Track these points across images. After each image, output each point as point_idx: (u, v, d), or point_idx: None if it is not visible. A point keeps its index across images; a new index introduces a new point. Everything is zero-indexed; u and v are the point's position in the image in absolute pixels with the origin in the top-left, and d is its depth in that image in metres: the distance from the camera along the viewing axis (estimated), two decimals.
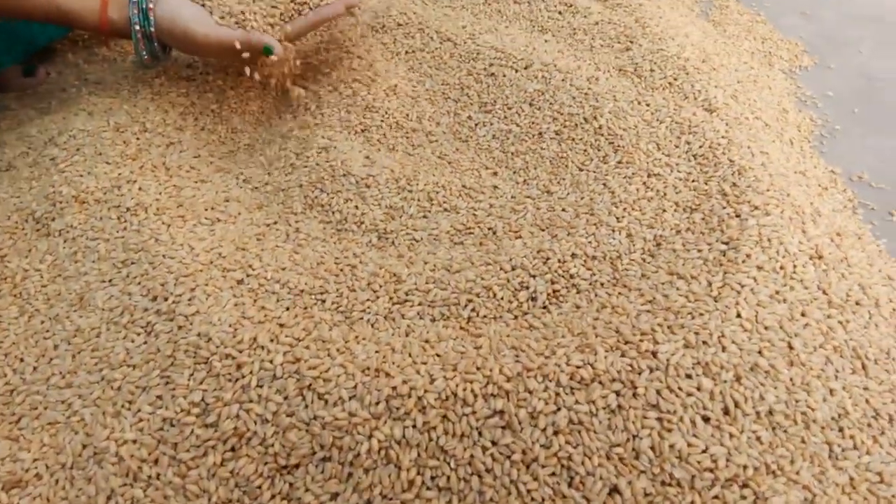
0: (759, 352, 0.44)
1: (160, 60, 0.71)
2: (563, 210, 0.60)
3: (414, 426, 0.40)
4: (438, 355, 0.45)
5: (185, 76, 0.77)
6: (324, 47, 0.80)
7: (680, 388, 0.41)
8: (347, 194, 0.64)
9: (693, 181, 0.60)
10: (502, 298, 0.51)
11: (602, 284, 0.52)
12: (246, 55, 0.67)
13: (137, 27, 0.66)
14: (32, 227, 0.60)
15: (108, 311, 0.51)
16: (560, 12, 0.86)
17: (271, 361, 0.44)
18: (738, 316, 0.46)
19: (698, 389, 0.41)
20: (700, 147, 0.63)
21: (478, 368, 0.43)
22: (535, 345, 0.45)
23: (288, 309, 0.51)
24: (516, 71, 0.76)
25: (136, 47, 0.68)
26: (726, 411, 0.41)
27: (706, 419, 0.41)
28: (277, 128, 0.74)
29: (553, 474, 0.39)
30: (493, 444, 0.40)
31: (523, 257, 0.54)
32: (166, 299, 0.50)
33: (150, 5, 0.66)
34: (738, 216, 0.54)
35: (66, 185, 0.61)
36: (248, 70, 0.70)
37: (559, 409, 0.41)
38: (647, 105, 0.69)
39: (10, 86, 0.82)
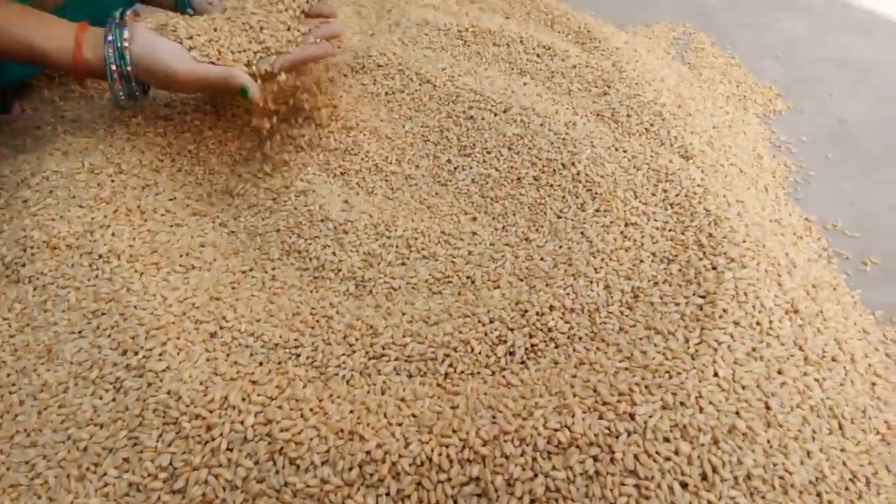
0: (737, 413, 0.44)
1: (137, 101, 0.70)
2: (542, 259, 0.60)
3: (388, 494, 0.40)
4: (414, 415, 0.44)
5: (163, 115, 0.76)
6: (302, 87, 0.79)
7: (658, 453, 0.41)
8: (325, 240, 0.63)
9: (670, 230, 0.60)
10: (480, 353, 0.51)
11: (580, 338, 0.52)
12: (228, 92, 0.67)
13: (114, 67, 0.65)
14: (2, 273, 0.59)
15: (76, 364, 0.50)
16: (538, 55, 0.87)
17: (242, 423, 0.43)
18: (716, 375, 0.46)
19: (676, 454, 0.41)
20: (676, 195, 0.63)
21: (454, 431, 0.42)
22: (512, 405, 0.44)
23: (261, 364, 0.50)
24: (495, 114, 0.76)
25: (112, 87, 0.66)
26: (704, 476, 0.41)
27: (684, 485, 0.40)
28: (255, 170, 0.73)
29: None
30: None
31: (501, 309, 0.54)
32: (136, 353, 0.49)
33: (126, 44, 0.64)
34: (714, 268, 0.55)
35: (38, 229, 0.60)
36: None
37: (536, 475, 0.40)
38: (625, 151, 0.69)
39: None
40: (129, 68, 0.65)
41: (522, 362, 0.50)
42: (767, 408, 0.45)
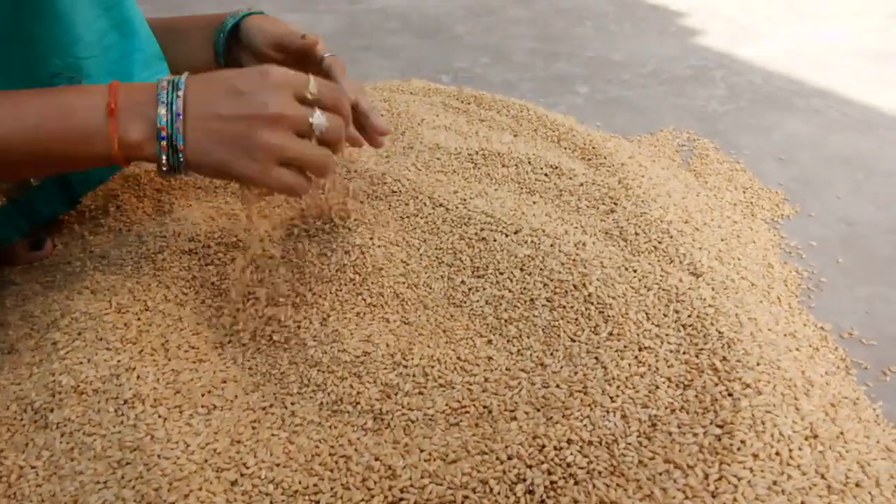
0: None
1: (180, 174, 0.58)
2: (557, 386, 0.60)
3: None
4: None
5: (188, 249, 0.79)
6: (315, 215, 0.83)
7: None
8: (342, 372, 0.65)
9: (684, 353, 0.61)
10: (499, 493, 0.51)
11: (599, 473, 0.52)
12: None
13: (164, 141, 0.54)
14: (31, 419, 0.60)
15: None
16: (546, 174, 0.90)
17: None
18: None
19: None
20: (688, 317, 0.64)
21: None
22: None
23: None
24: (506, 236, 0.79)
25: (158, 156, 0.55)
26: None
27: None
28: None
29: None
30: None
31: (519, 444, 0.54)
32: None
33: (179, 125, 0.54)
34: (730, 395, 0.55)
35: (67, 373, 0.62)
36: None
37: None
38: (634, 271, 0.71)
39: (17, 259, 0.85)
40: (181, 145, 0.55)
41: (542, 501, 0.50)
42: None
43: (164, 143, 0.54)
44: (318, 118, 0.57)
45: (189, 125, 0.54)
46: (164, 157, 0.54)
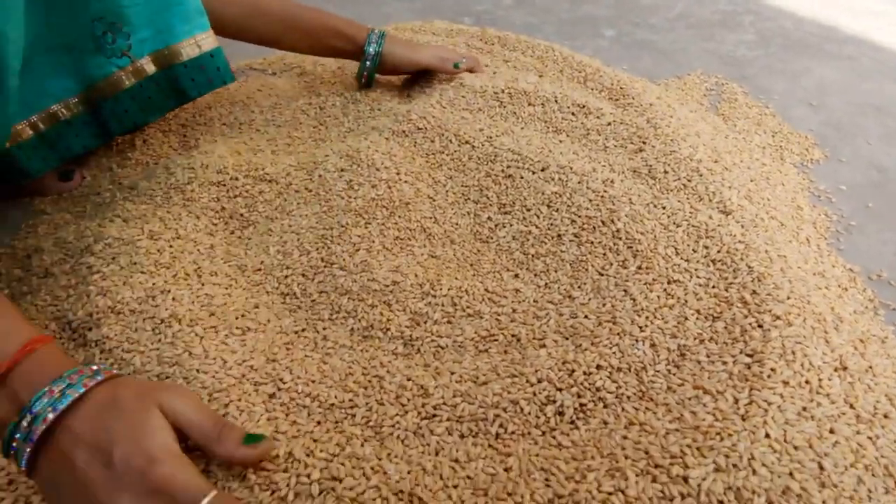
0: (790, 474, 0.44)
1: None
2: (586, 317, 0.61)
3: None
4: (469, 477, 0.45)
5: (216, 181, 0.80)
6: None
7: None
8: (373, 300, 0.65)
9: (713, 287, 0.61)
10: (530, 413, 0.52)
11: (629, 398, 0.52)
12: None
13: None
14: (69, 337, 0.62)
15: None
16: (573, 113, 0.89)
17: (308, 476, 0.45)
18: (767, 436, 0.46)
19: None
20: (718, 252, 0.64)
21: (509, 494, 0.43)
22: (564, 467, 0.45)
23: (319, 423, 0.52)
24: (533, 173, 0.78)
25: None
26: None
27: None
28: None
29: None
30: None
31: (548, 369, 0.55)
32: None
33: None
34: (760, 326, 0.55)
35: (102, 295, 0.63)
36: None
37: None
38: (663, 208, 0.70)
39: (47, 190, 0.86)
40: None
41: (572, 422, 0.51)
42: (821, 468, 0.45)
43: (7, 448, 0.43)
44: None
45: (43, 455, 0.43)
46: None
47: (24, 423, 0.42)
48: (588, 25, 1.38)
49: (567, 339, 0.59)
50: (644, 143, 0.83)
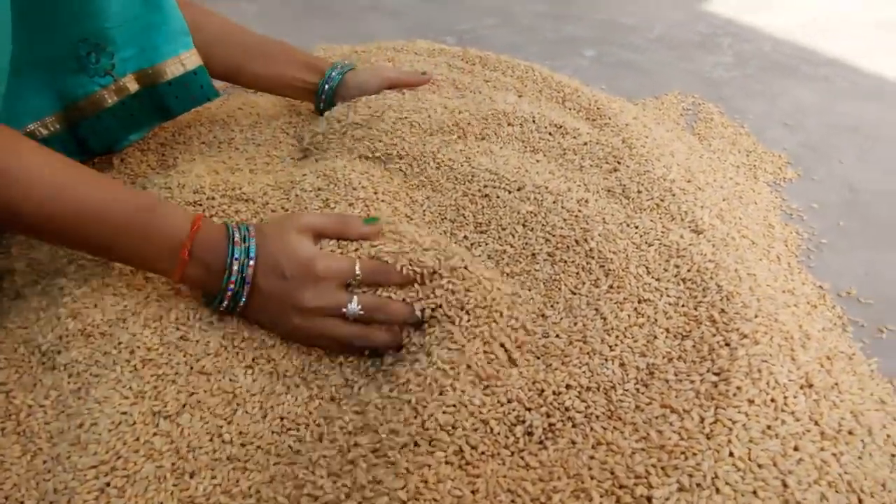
0: (754, 492, 0.45)
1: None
2: (557, 336, 0.61)
3: None
4: (435, 500, 0.45)
5: (192, 201, 0.80)
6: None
7: None
8: None
9: (683, 306, 0.61)
10: (499, 434, 0.52)
11: (597, 417, 0.53)
12: None
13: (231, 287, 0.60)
14: (38, 361, 0.61)
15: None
16: (551, 133, 0.90)
17: None
18: (731, 455, 0.46)
19: None
20: (688, 271, 0.65)
21: None
22: (531, 488, 0.45)
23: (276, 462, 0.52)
24: (510, 192, 0.79)
25: (221, 294, 0.61)
26: None
27: None
28: None
29: None
30: None
31: (518, 389, 0.55)
32: None
33: (251, 271, 0.60)
34: (727, 345, 0.56)
35: (73, 317, 0.63)
36: None
37: None
38: (636, 227, 0.71)
39: None
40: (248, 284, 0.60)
41: (541, 442, 0.51)
42: (785, 486, 0.46)
43: (228, 293, 0.60)
44: (353, 308, 0.60)
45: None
46: (224, 301, 0.61)
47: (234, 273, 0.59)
48: (570, 45, 1.40)
49: (538, 358, 0.59)
50: (619, 162, 0.83)
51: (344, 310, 0.60)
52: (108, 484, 0.51)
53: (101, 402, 0.56)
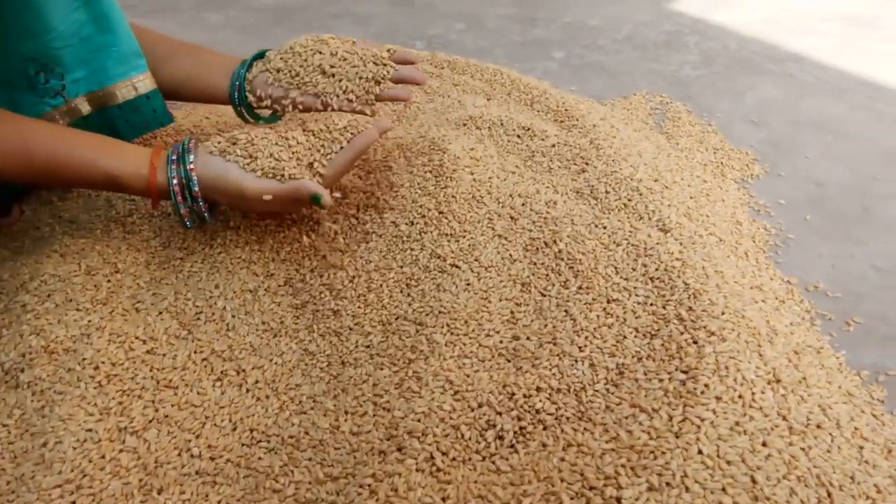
0: (723, 489, 0.45)
1: (206, 221, 0.72)
2: (528, 339, 0.61)
3: None
4: None
5: (158, 214, 0.79)
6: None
7: None
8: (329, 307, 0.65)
9: (651, 305, 0.62)
10: (470, 439, 0.51)
11: (568, 419, 0.53)
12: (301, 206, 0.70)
13: (175, 184, 0.67)
14: (1, 379, 0.60)
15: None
16: (519, 136, 0.90)
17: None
18: (700, 452, 0.46)
19: None
20: (656, 270, 0.65)
21: None
22: (501, 493, 0.45)
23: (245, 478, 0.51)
24: None
25: (176, 207, 0.69)
26: None
27: None
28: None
29: None
30: None
31: (489, 392, 0.55)
32: None
33: (191, 166, 0.67)
34: (695, 343, 0.56)
35: (36, 334, 0.62)
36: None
37: None
38: (604, 228, 0.71)
39: None
40: (196, 189, 0.67)
41: (512, 446, 0.51)
42: (754, 482, 0.46)
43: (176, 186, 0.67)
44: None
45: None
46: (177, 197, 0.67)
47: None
48: (539, 48, 1.41)
49: (509, 361, 0.59)
50: (587, 163, 0.84)
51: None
52: (73, 503, 0.50)
53: (66, 420, 0.55)
